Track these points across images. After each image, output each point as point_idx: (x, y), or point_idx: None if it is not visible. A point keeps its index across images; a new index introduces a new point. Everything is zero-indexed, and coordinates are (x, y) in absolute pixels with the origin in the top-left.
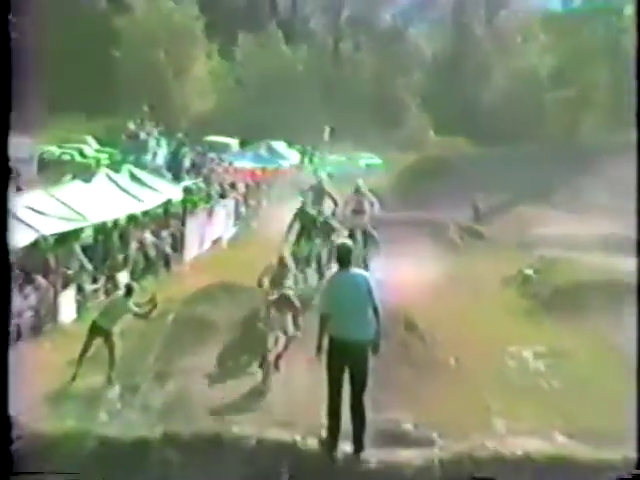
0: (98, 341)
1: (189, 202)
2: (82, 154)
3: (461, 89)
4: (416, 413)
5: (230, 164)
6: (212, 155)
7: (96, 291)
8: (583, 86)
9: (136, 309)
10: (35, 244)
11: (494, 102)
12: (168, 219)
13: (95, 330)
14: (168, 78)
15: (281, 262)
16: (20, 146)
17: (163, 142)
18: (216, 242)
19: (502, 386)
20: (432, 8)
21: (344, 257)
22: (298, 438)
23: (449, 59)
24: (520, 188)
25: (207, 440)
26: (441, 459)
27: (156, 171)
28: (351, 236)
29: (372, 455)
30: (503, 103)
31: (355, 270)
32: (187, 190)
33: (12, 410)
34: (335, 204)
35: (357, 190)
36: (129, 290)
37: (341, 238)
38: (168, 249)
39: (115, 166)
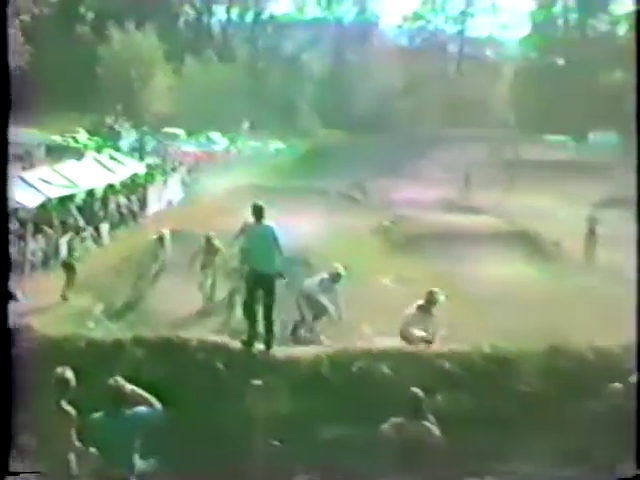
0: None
1: (150, 175)
2: (76, 141)
3: (340, 97)
4: None
5: (179, 148)
6: (166, 142)
7: (84, 238)
8: (421, 97)
9: None
10: (43, 205)
11: (362, 106)
12: (135, 187)
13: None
14: (136, 88)
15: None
16: (32, 136)
17: (132, 132)
18: (169, 203)
19: (370, 302)
20: (318, 41)
21: (257, 213)
22: (227, 340)
23: (330, 76)
24: (381, 165)
25: (164, 342)
26: (326, 353)
27: (127, 153)
28: None
29: (279, 351)
30: (369, 107)
31: (265, 222)
32: (149, 166)
33: (27, 319)
34: None
35: None
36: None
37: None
38: (136, 208)
39: (98, 149)
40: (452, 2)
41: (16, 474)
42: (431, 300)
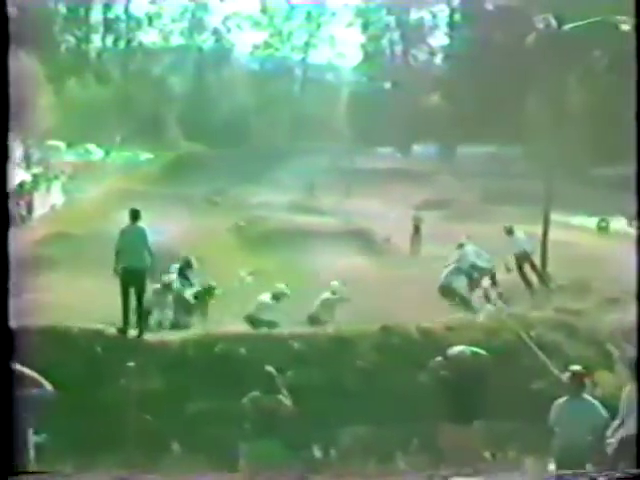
0: None
1: (35, 183)
2: None
3: (201, 114)
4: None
5: (60, 159)
6: (49, 153)
7: None
8: (272, 113)
9: None
10: None
11: (221, 122)
12: (23, 193)
13: None
14: (23, 107)
15: None
16: None
17: (20, 145)
18: (53, 207)
19: (229, 293)
20: (182, 65)
21: (133, 216)
22: (105, 327)
23: (192, 95)
24: (238, 174)
25: (50, 329)
26: (192, 338)
27: (14, 163)
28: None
29: (150, 336)
30: (226, 123)
31: (137, 224)
32: (34, 175)
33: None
34: None
35: None
36: None
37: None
38: (23, 212)
39: None
40: (297, 34)
41: (19, 474)
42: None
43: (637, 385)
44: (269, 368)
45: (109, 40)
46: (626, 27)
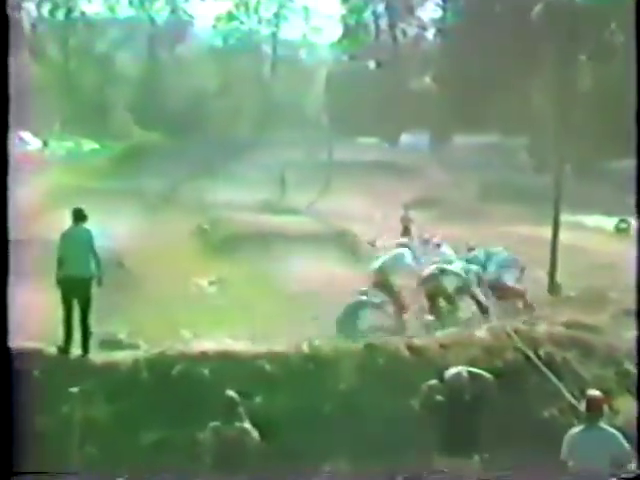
0: None
1: None
2: None
3: (154, 97)
4: (127, 326)
5: None
6: None
7: None
8: (236, 98)
9: None
10: None
11: (177, 107)
12: None
13: None
14: None
15: None
16: None
17: None
18: None
19: (187, 305)
20: (131, 40)
21: (76, 216)
22: (44, 346)
23: (144, 75)
24: (197, 167)
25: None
26: (145, 358)
27: None
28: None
29: (96, 356)
30: (184, 108)
31: (82, 226)
32: None
33: None
34: None
35: None
36: None
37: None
38: None
39: None
40: (265, 4)
41: (19, 474)
42: None
43: (637, 383)
44: (230, 393)
45: (45, 9)
46: None
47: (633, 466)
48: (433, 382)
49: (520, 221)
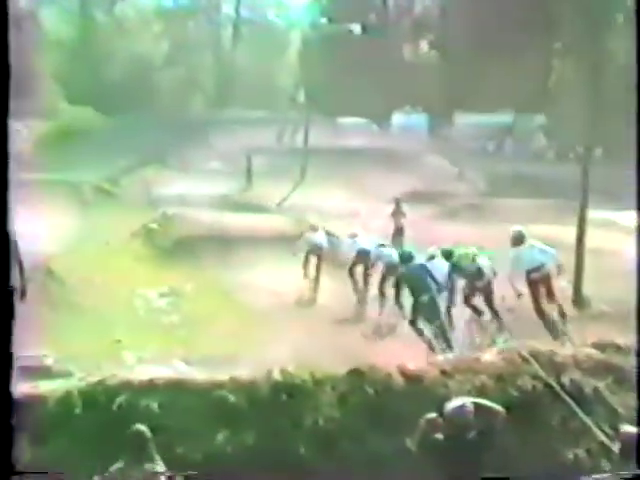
0: None
1: None
2: None
3: (89, 66)
4: (56, 349)
5: None
6: None
7: None
8: (190, 68)
9: None
10: None
11: (116, 78)
12: None
13: None
14: None
15: None
16: None
17: None
18: None
19: (131, 322)
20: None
21: None
22: None
23: (75, 39)
24: (142, 153)
25: None
26: (79, 389)
27: None
28: None
29: (17, 387)
30: (124, 80)
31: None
32: None
33: None
34: None
35: None
36: None
37: None
38: None
39: None
40: None
41: (20, 474)
42: None
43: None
44: (140, 427)
45: None
46: None
47: None
48: (432, 416)
49: (537, 219)
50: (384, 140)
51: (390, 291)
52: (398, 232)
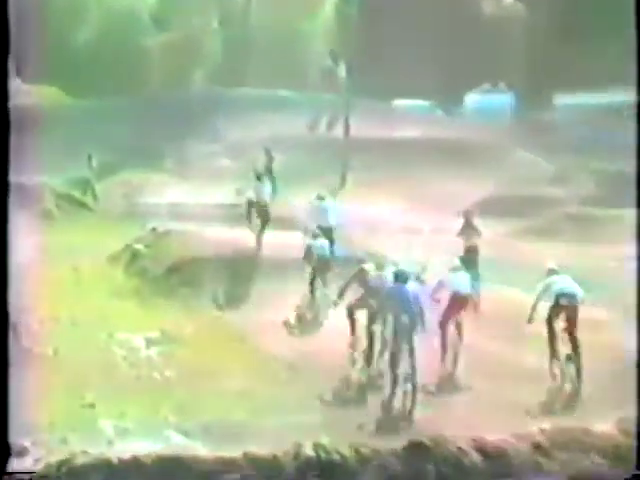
0: None
1: None
2: None
3: (51, 30)
4: (14, 418)
5: None
6: None
7: None
8: (189, 32)
9: None
10: None
11: (90, 46)
12: None
13: None
14: None
15: None
16: None
17: None
18: None
19: (109, 380)
20: None
21: None
22: None
23: None
24: (125, 148)
25: None
26: (41, 470)
27: None
28: None
29: None
30: (99, 48)
31: None
32: None
33: None
34: None
35: None
36: None
37: None
38: None
39: None
40: None
41: (12, 474)
42: None
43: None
44: None
45: None
46: None
47: None
48: None
49: None
50: (453, 130)
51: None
52: (470, 254)
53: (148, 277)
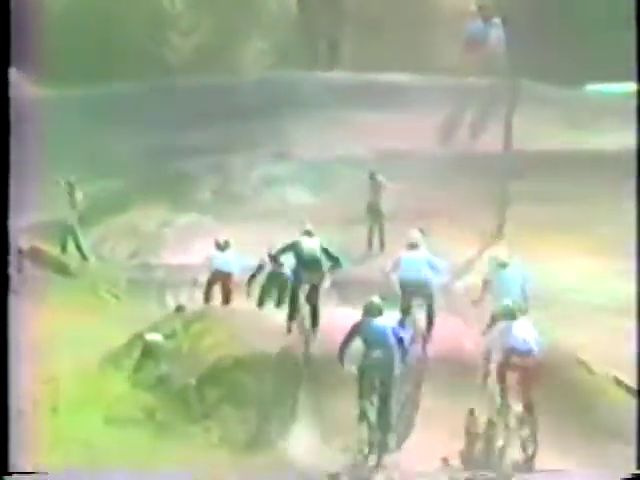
0: None
1: None
2: None
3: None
4: None
5: None
6: None
7: None
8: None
9: None
10: None
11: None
12: None
13: None
14: None
15: None
16: None
17: None
18: None
19: None
20: None
21: None
22: None
23: None
24: (133, 169)
25: None
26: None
27: None
28: None
29: None
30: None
31: None
32: None
33: None
34: None
35: None
36: None
37: None
38: None
39: None
40: None
41: (13, 474)
42: None
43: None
44: None
45: None
46: None
47: None
48: None
49: None
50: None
51: None
52: None
53: (170, 390)
